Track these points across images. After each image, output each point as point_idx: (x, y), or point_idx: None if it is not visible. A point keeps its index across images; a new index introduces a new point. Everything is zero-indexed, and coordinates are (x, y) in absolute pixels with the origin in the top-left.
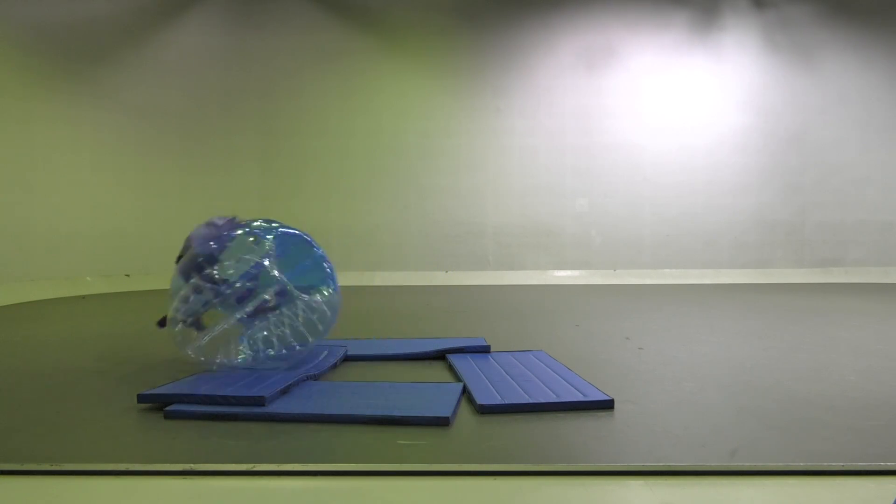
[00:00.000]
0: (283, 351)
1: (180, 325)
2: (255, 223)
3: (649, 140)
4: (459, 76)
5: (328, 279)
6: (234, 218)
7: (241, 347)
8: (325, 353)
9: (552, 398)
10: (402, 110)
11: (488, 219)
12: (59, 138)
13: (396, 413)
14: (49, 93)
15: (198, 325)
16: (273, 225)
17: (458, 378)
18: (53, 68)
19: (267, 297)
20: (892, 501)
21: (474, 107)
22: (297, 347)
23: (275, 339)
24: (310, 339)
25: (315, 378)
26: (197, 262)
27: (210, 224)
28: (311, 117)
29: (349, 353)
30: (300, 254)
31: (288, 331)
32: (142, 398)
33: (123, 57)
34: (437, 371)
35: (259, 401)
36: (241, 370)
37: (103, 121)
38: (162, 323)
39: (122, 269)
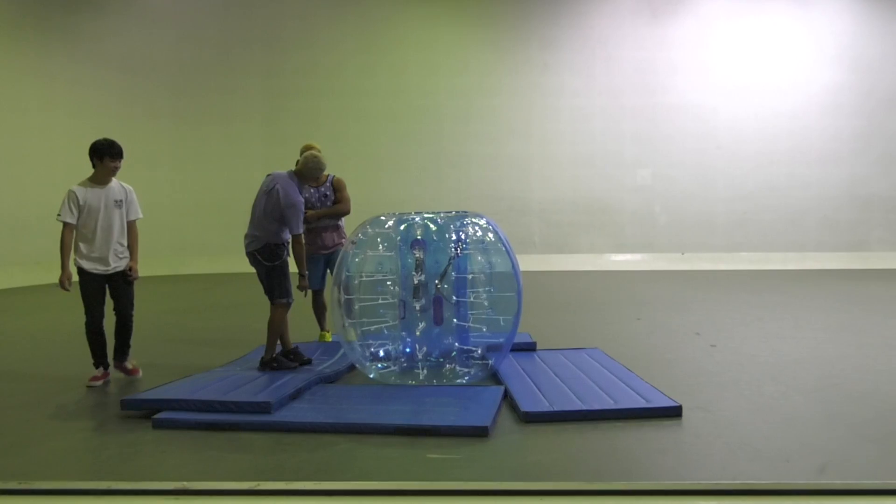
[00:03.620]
0: None
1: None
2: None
3: (723, 101)
4: (500, 25)
5: None
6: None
7: None
8: (341, 351)
9: (609, 404)
10: (431, 65)
11: (534, 193)
12: (27, 97)
13: (426, 422)
14: (15, 43)
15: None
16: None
17: (498, 380)
18: (21, 15)
19: None
20: None
21: (517, 61)
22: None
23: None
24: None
25: (330, 381)
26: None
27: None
28: (323, 73)
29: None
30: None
31: None
32: (126, 404)
33: (104, 1)
34: (473, 371)
35: (264, 407)
36: (243, 372)
37: (80, 76)
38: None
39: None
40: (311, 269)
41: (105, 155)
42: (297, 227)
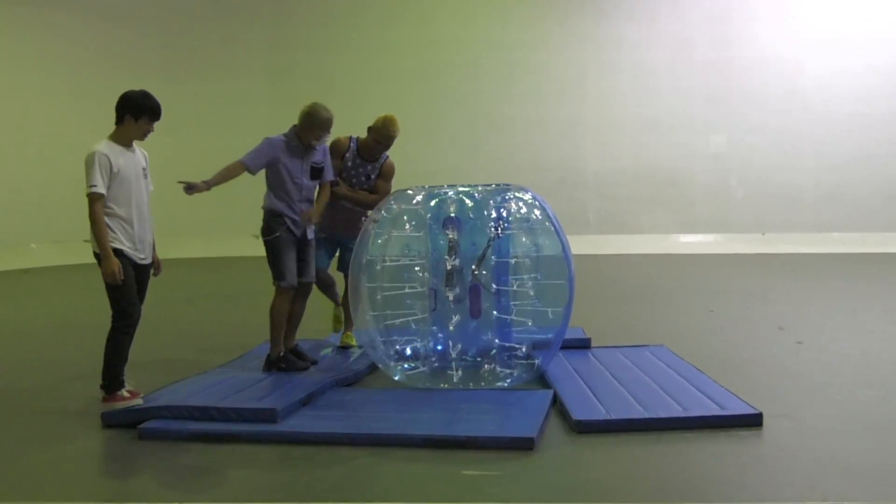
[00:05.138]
0: None
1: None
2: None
3: (810, 55)
4: None
5: None
6: None
7: None
8: (360, 351)
9: (677, 412)
10: (466, 13)
11: (588, 163)
12: None
13: (460, 432)
14: None
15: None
16: None
17: (546, 383)
18: None
19: None
20: None
21: (567, 9)
22: None
23: None
24: None
25: (347, 384)
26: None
27: None
28: (339, 23)
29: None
30: None
31: None
32: (108, 419)
33: None
34: (517, 373)
35: (269, 415)
36: (245, 373)
37: (59, 27)
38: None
39: (80, 234)
40: (324, 245)
41: (145, 113)
42: (247, 153)
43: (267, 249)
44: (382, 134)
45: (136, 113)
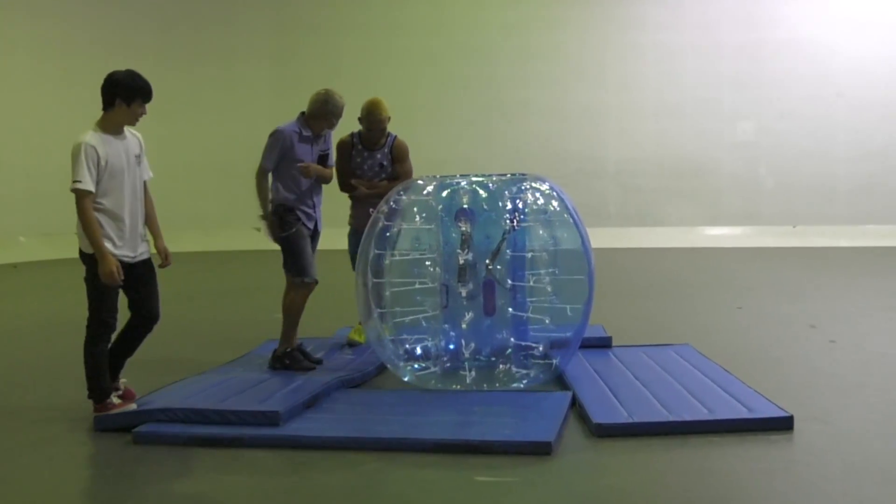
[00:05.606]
0: None
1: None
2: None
3: (843, 37)
4: None
5: None
6: None
7: None
8: (369, 350)
9: (702, 415)
10: None
11: (609, 152)
12: None
13: (474, 436)
14: None
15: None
16: None
17: (564, 385)
18: None
19: None
20: None
21: None
22: None
23: None
24: None
25: (354, 385)
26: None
27: None
28: (345, 2)
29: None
30: None
31: None
32: (101, 423)
33: None
34: (533, 373)
35: (272, 418)
36: (246, 373)
37: (47, 7)
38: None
39: (71, 227)
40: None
41: (137, 96)
42: (261, 159)
43: (284, 246)
44: (370, 120)
45: (128, 96)
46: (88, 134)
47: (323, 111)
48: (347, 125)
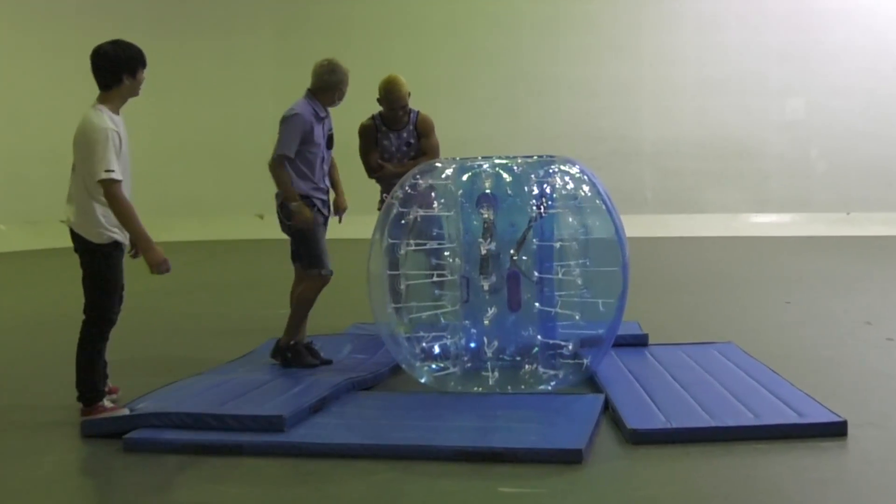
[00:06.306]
0: None
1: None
2: None
3: None
4: None
5: None
6: None
7: None
8: (382, 349)
9: (748, 420)
10: None
11: (644, 131)
12: None
13: (497, 443)
14: None
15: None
16: None
17: (596, 387)
18: None
19: None
20: None
21: None
22: None
23: None
24: None
25: (366, 387)
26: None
27: None
28: None
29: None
30: None
31: None
32: (88, 428)
33: None
34: (562, 374)
35: (275, 423)
36: (247, 374)
37: None
38: None
39: (56, 213)
40: None
41: (139, 65)
42: (281, 145)
43: (298, 236)
44: (389, 99)
45: (132, 68)
46: (104, 115)
47: (332, 81)
48: (359, 106)
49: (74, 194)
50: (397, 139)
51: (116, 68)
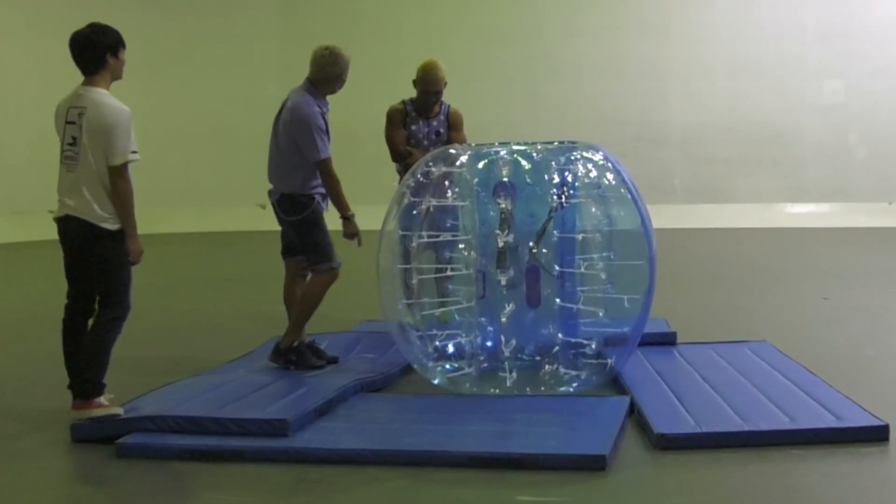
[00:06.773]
0: None
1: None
2: None
3: None
4: None
5: None
6: None
7: None
8: (393, 348)
9: (783, 424)
10: None
11: (673, 116)
12: None
13: (515, 448)
14: None
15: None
16: None
17: (621, 388)
18: None
19: None
20: None
21: None
22: None
23: None
24: None
25: (375, 388)
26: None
27: None
28: None
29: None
30: None
31: None
32: (78, 431)
33: None
34: (585, 375)
35: (279, 427)
36: (249, 375)
37: None
38: None
39: (44, 204)
40: None
41: (119, 44)
42: (317, 151)
43: (304, 229)
44: (427, 82)
45: (113, 48)
46: (113, 97)
47: (334, 73)
48: (371, 91)
49: (80, 182)
50: (426, 126)
51: (99, 50)
